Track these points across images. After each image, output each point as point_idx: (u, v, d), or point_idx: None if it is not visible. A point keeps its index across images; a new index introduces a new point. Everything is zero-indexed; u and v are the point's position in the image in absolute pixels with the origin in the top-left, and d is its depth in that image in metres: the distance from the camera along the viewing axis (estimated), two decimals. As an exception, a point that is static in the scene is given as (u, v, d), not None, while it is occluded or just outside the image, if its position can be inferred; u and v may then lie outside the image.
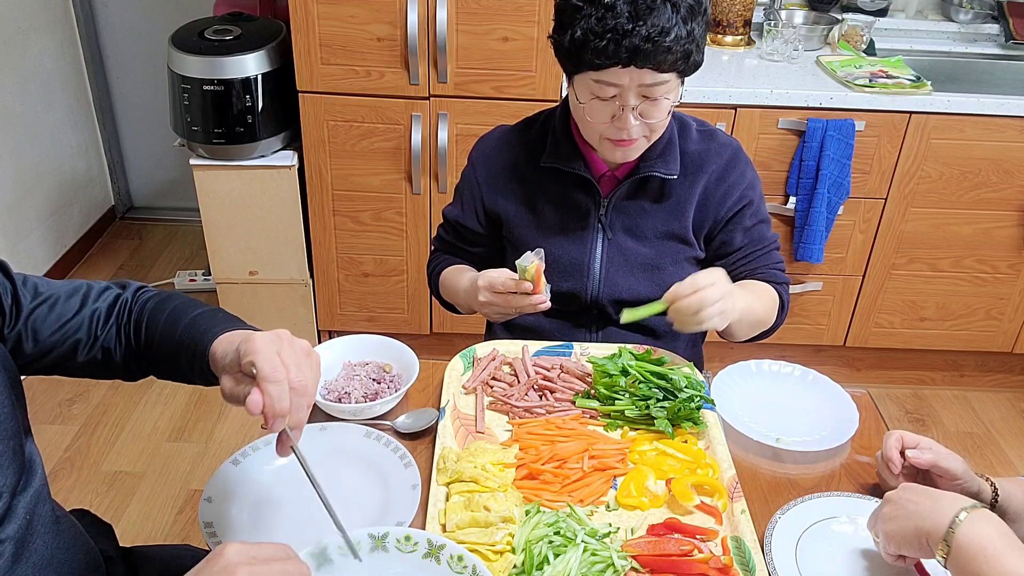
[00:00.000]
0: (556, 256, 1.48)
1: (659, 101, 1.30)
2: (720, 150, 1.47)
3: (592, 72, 1.28)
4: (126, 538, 1.38)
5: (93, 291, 1.11)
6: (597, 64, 1.26)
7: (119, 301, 1.11)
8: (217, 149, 2.41)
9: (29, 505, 0.95)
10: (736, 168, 1.47)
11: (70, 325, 1.07)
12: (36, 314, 1.06)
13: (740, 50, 2.66)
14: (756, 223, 1.49)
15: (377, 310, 2.72)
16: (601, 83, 1.29)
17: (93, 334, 1.09)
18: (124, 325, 1.10)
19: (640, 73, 1.26)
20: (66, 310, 1.08)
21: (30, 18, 2.96)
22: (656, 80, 1.27)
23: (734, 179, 1.46)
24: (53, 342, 1.07)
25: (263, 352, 0.90)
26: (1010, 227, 2.57)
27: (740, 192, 1.46)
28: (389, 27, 2.26)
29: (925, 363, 2.89)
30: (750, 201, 1.48)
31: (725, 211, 1.47)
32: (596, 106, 1.32)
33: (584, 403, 1.31)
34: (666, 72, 1.27)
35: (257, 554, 0.85)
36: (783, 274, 1.52)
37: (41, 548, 0.97)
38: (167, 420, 2.61)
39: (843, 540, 1.11)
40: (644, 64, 1.24)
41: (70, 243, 3.28)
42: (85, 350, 1.09)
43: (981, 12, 2.85)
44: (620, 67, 1.25)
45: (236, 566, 0.82)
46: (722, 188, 1.46)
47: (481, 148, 1.56)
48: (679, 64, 1.27)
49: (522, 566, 1.02)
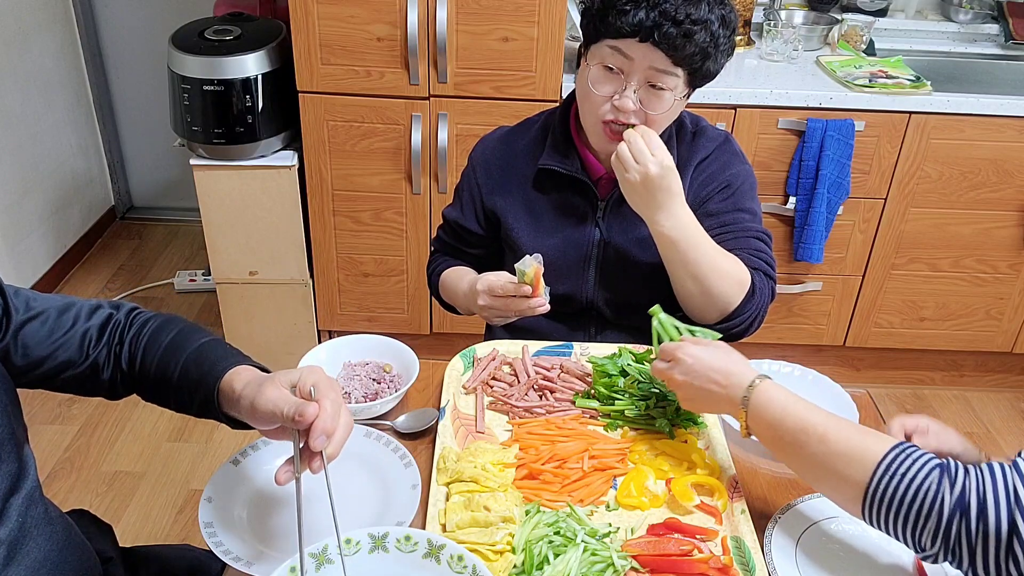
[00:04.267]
0: (553, 258, 1.48)
1: (662, 94, 1.31)
2: (706, 144, 1.47)
3: (609, 40, 1.29)
4: (126, 538, 1.37)
5: (85, 309, 1.11)
6: (618, 28, 1.26)
7: (112, 322, 1.11)
8: (217, 149, 2.41)
9: (22, 507, 0.95)
10: (718, 158, 1.46)
11: (62, 342, 1.07)
12: (27, 328, 1.05)
13: (740, 50, 2.66)
14: (732, 210, 1.44)
15: (377, 310, 2.72)
16: (615, 50, 1.29)
17: (85, 353, 1.08)
18: (115, 347, 1.10)
19: (654, 54, 1.26)
20: (58, 327, 1.07)
21: (30, 18, 2.97)
22: (667, 68, 1.28)
23: (713, 169, 1.45)
24: (43, 357, 1.06)
25: (326, 381, 0.98)
26: (1010, 227, 2.57)
27: (718, 180, 1.44)
28: (389, 27, 2.26)
29: (925, 363, 2.89)
30: (726, 186, 1.44)
31: (700, 199, 1.44)
32: (601, 75, 1.32)
33: (584, 403, 1.31)
34: (678, 65, 1.27)
35: None
36: (762, 263, 1.42)
37: (34, 550, 0.96)
38: (167, 420, 2.61)
39: (843, 540, 1.11)
40: (661, 43, 1.25)
41: (70, 243, 3.28)
42: (74, 368, 1.08)
43: (981, 12, 2.85)
44: (638, 40, 1.26)
45: None
46: (701, 177, 1.45)
47: (481, 149, 1.55)
48: (695, 59, 1.27)
49: (522, 566, 1.02)
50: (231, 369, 1.03)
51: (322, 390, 0.96)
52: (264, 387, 0.96)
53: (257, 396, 0.96)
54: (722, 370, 1.13)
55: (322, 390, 0.96)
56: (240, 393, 0.99)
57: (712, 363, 1.14)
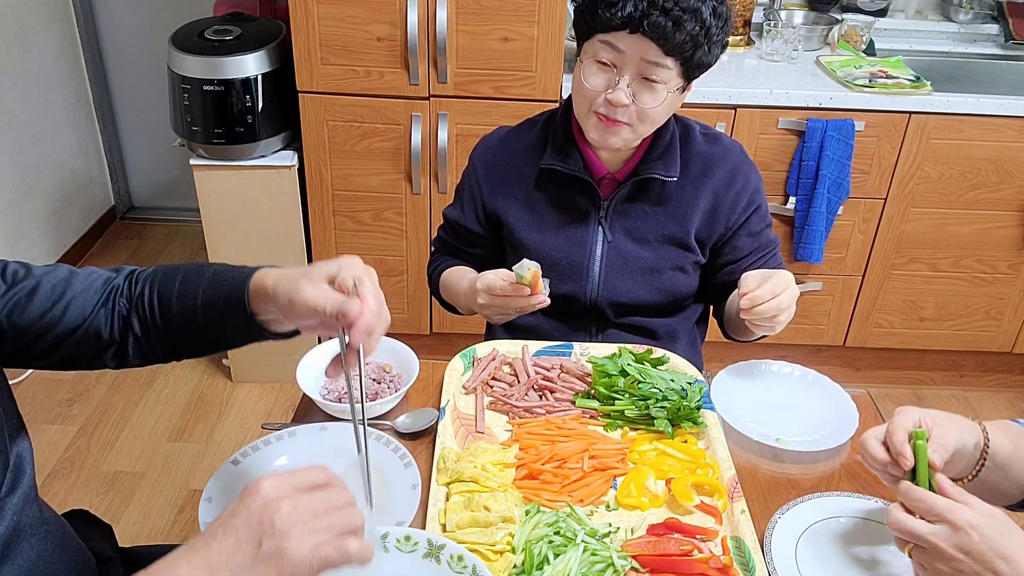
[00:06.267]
0: (556, 258, 1.48)
1: (655, 87, 1.30)
2: (725, 155, 1.47)
3: (601, 34, 1.29)
4: (126, 538, 1.37)
5: (80, 275, 1.04)
6: (607, 20, 1.27)
7: (110, 285, 1.05)
8: (217, 149, 2.41)
9: (17, 507, 0.92)
10: (742, 173, 1.47)
11: (62, 306, 1.00)
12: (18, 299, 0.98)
13: (740, 50, 2.66)
14: (763, 227, 1.50)
15: (377, 310, 2.71)
16: (606, 44, 1.29)
17: (84, 316, 1.01)
18: (122, 311, 1.03)
19: (645, 45, 1.27)
20: (53, 293, 1.00)
21: (30, 18, 2.97)
22: (658, 60, 1.28)
23: (741, 185, 1.46)
24: (41, 324, 0.99)
25: (368, 274, 0.94)
26: (1010, 227, 2.57)
27: (748, 197, 1.47)
28: (389, 27, 2.26)
29: (925, 363, 2.89)
30: (758, 206, 1.48)
31: (736, 217, 1.47)
32: (594, 69, 1.32)
33: (584, 403, 1.31)
34: (669, 55, 1.27)
35: (297, 483, 0.77)
36: None
37: (28, 550, 0.94)
38: (167, 420, 2.61)
39: (843, 540, 1.11)
40: (652, 33, 1.25)
41: (70, 243, 3.28)
42: (75, 335, 1.01)
43: (981, 12, 2.85)
44: (628, 31, 1.26)
45: (277, 501, 0.74)
46: (731, 195, 1.46)
47: (482, 149, 1.55)
48: (685, 49, 1.27)
49: (522, 566, 1.02)
50: (255, 273, 0.99)
51: (367, 285, 0.92)
52: (301, 283, 0.92)
53: (295, 292, 0.92)
54: (1009, 556, 0.88)
55: (367, 285, 0.92)
56: (274, 290, 0.95)
57: (1000, 544, 0.88)
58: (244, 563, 0.72)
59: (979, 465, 1.03)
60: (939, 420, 1.01)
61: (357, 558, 0.76)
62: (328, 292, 0.92)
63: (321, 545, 0.74)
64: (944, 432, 1.00)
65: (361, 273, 0.94)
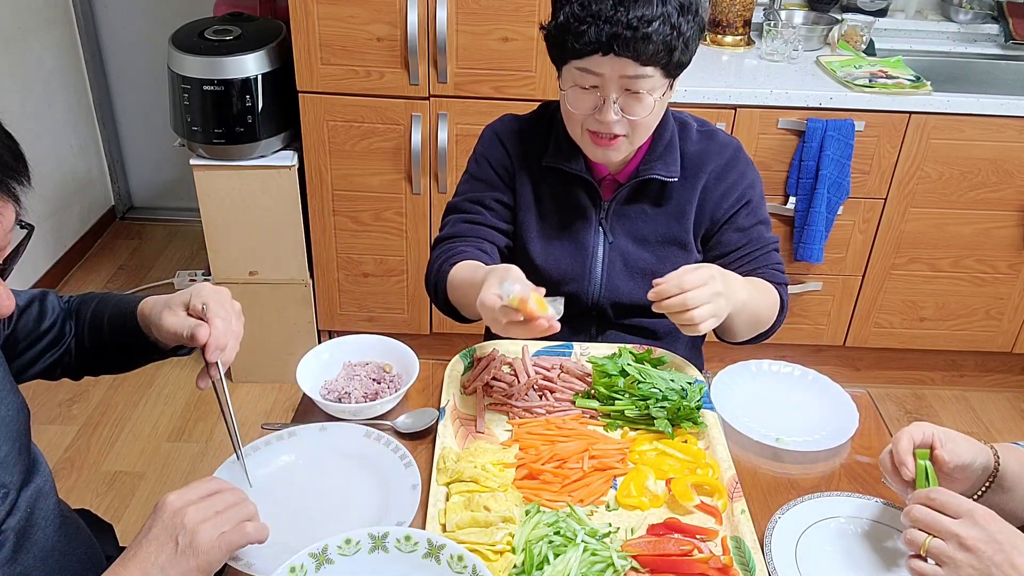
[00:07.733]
0: (557, 258, 1.48)
1: (642, 97, 1.29)
2: (720, 150, 1.46)
3: (575, 60, 1.28)
4: (126, 538, 1.37)
5: (50, 296, 1.22)
6: (578, 50, 1.25)
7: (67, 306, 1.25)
8: (217, 149, 2.41)
9: (31, 500, 1.01)
10: (736, 168, 1.46)
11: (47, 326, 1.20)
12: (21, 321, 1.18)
13: (740, 50, 2.66)
14: (754, 223, 1.48)
15: (377, 310, 2.72)
16: (583, 71, 1.28)
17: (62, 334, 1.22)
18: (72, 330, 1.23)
19: (621, 63, 1.25)
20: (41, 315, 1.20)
21: (30, 18, 2.97)
22: (637, 72, 1.26)
23: (733, 179, 1.45)
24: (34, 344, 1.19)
25: (214, 297, 1.10)
26: (1010, 227, 2.57)
27: (739, 192, 1.46)
28: (389, 27, 2.26)
29: (925, 363, 2.89)
30: (748, 200, 1.47)
31: (723, 211, 1.46)
32: (578, 95, 1.31)
33: (584, 403, 1.31)
34: (647, 65, 1.25)
35: (196, 493, 0.94)
36: (782, 275, 1.49)
37: (42, 541, 1.02)
38: (167, 420, 2.61)
39: (843, 540, 1.11)
40: (624, 52, 1.23)
41: (70, 243, 3.28)
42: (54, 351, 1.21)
43: (981, 12, 2.85)
44: (600, 55, 1.25)
45: (184, 508, 0.92)
46: (721, 188, 1.45)
47: (502, 126, 1.52)
48: (660, 57, 1.25)
49: (522, 566, 1.02)
50: (141, 301, 1.18)
51: (212, 308, 1.08)
52: (163, 314, 1.11)
53: (159, 320, 1.11)
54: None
55: (212, 308, 1.08)
56: (147, 319, 1.14)
57: (1016, 536, 0.91)
58: (168, 558, 0.90)
59: (984, 486, 1.05)
60: (952, 435, 1.05)
61: (255, 537, 0.94)
62: (183, 319, 1.09)
63: (225, 533, 0.92)
64: (956, 445, 1.04)
65: (208, 298, 1.10)
